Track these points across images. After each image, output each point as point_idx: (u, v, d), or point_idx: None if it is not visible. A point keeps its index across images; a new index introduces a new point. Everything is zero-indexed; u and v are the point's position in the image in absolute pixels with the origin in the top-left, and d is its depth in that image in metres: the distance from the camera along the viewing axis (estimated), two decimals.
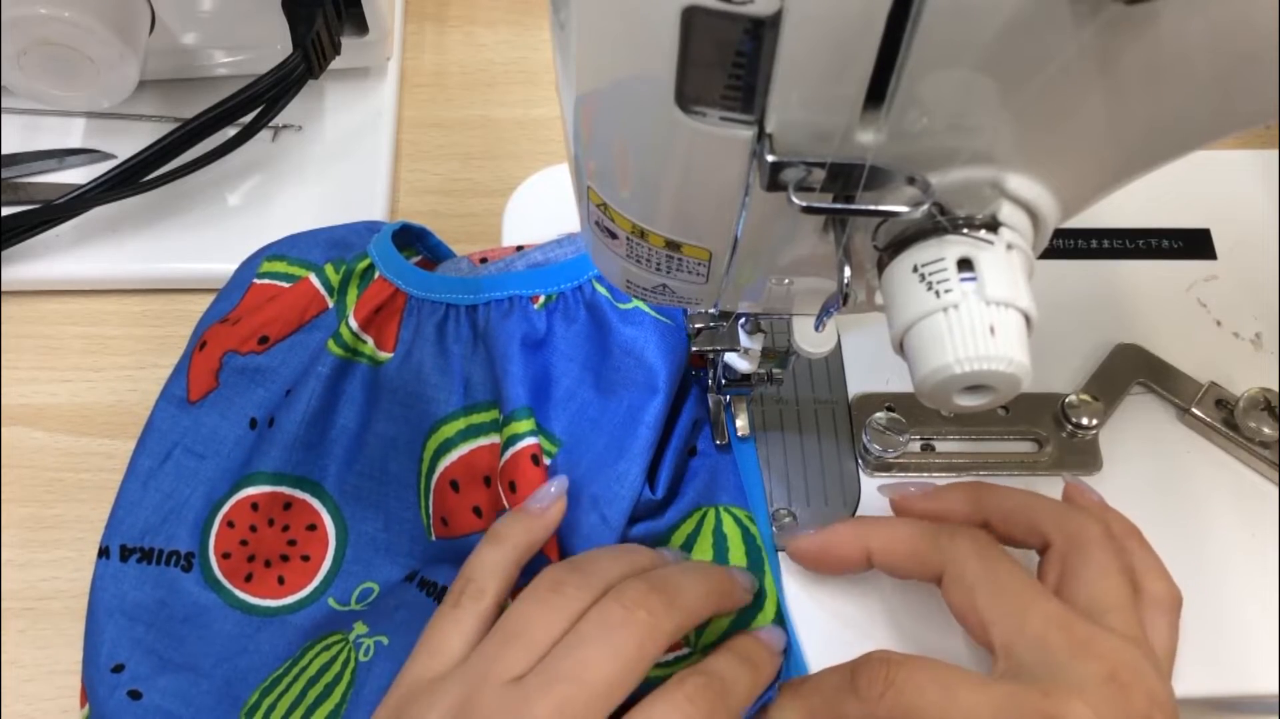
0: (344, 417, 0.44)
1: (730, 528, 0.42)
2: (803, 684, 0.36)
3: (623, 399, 0.42)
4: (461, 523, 0.43)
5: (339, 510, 0.44)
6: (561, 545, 0.40)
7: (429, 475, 0.44)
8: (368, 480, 0.44)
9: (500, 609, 0.35)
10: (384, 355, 0.45)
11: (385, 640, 0.40)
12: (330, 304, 0.46)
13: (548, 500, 0.39)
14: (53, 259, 0.52)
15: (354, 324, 0.45)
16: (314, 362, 0.44)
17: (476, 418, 0.44)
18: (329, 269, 0.47)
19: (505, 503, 0.41)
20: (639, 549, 0.39)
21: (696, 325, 0.40)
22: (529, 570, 0.37)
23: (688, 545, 0.42)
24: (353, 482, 0.44)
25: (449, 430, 0.44)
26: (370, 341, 0.45)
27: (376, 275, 0.46)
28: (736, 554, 0.41)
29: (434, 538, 0.43)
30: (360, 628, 0.41)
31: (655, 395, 0.41)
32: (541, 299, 0.44)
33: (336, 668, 0.40)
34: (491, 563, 0.36)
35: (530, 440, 0.41)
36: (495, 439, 0.43)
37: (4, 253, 0.51)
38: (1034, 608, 0.33)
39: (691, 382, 0.44)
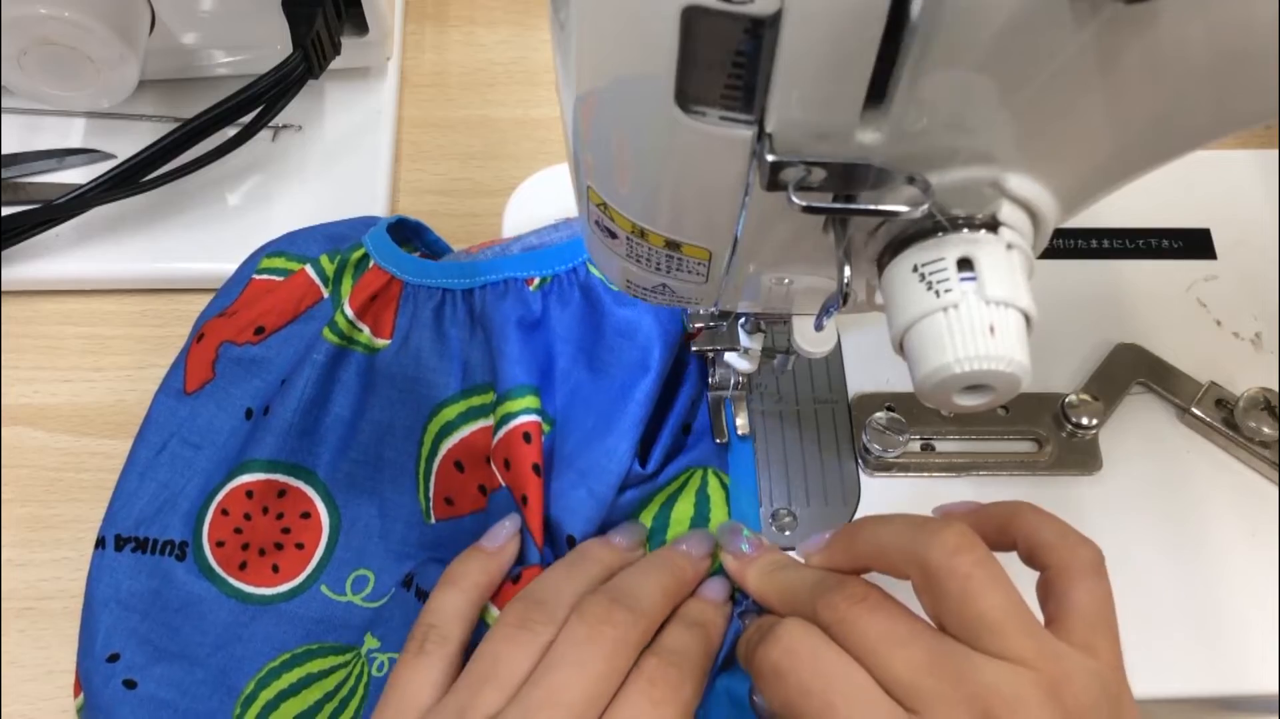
0: (338, 404, 0.45)
1: (715, 490, 0.42)
2: (793, 567, 0.36)
3: (615, 378, 0.42)
4: (466, 501, 0.43)
5: (332, 498, 0.44)
6: (549, 520, 0.41)
7: (430, 459, 0.44)
8: (362, 467, 0.45)
9: (465, 651, 0.36)
10: (380, 342, 0.45)
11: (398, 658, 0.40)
12: (325, 294, 0.47)
13: (502, 539, 0.39)
14: (53, 259, 0.52)
15: (349, 312, 0.45)
16: (309, 350, 0.44)
17: (476, 400, 0.44)
18: (324, 260, 0.47)
19: (500, 480, 0.41)
20: (590, 558, 0.39)
21: (696, 325, 0.40)
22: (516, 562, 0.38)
23: (669, 504, 0.42)
24: (346, 469, 0.45)
25: (450, 413, 0.44)
26: (366, 329, 0.45)
27: (371, 264, 0.46)
28: (719, 511, 0.42)
29: (433, 521, 0.44)
30: (371, 642, 0.41)
31: (647, 374, 0.42)
32: (536, 281, 0.44)
33: (351, 682, 0.40)
34: (452, 607, 0.37)
35: (526, 418, 0.41)
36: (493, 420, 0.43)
37: (4, 253, 0.51)
38: (896, 655, 0.30)
39: (689, 358, 0.44)
